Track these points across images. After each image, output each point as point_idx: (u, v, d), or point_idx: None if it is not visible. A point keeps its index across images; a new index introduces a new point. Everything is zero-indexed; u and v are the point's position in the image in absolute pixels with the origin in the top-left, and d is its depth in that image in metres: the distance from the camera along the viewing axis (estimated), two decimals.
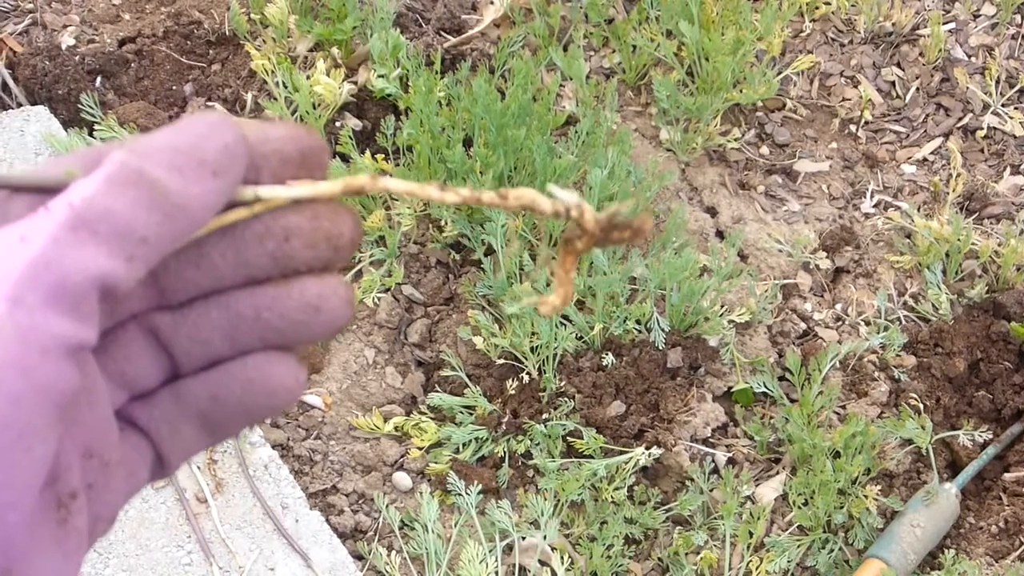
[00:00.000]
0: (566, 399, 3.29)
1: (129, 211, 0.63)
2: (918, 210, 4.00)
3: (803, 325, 3.71)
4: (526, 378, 3.36)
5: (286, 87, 3.87)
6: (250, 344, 0.73)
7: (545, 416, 3.28)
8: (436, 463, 3.26)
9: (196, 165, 0.66)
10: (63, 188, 0.66)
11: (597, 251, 3.45)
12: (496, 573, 3.04)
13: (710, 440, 3.39)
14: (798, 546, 3.18)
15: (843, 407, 3.48)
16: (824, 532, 3.22)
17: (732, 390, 3.48)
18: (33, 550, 0.63)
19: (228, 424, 0.74)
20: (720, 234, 3.89)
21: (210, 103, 4.11)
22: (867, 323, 3.71)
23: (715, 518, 3.22)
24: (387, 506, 3.18)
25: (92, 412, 0.68)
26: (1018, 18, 4.48)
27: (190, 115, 0.70)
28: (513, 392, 3.34)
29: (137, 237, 0.64)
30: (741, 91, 4.06)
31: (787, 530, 3.25)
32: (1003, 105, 4.28)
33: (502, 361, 3.38)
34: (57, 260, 0.61)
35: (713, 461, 3.34)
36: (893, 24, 4.46)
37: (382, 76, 3.87)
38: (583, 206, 0.74)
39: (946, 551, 3.19)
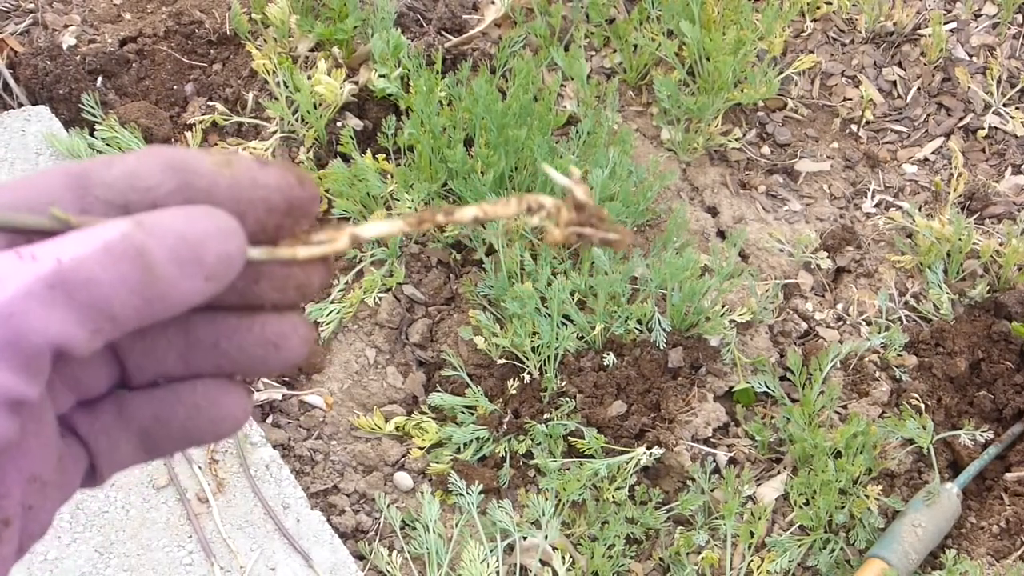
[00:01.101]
0: (567, 399, 3.29)
1: (113, 288, 0.62)
2: (919, 210, 4.00)
3: (804, 325, 3.71)
4: (527, 378, 3.35)
5: (287, 87, 3.87)
6: (203, 369, 0.72)
7: (546, 416, 3.28)
8: (437, 463, 3.26)
9: (194, 263, 0.65)
10: (49, 231, 0.65)
11: (597, 251, 3.45)
12: (497, 573, 3.04)
13: (711, 440, 3.39)
14: (799, 546, 3.18)
15: (844, 407, 3.48)
16: (825, 532, 3.22)
17: (733, 390, 3.48)
18: None
19: (167, 445, 0.74)
20: (721, 234, 3.89)
21: (211, 103, 4.11)
22: (868, 323, 3.71)
23: (716, 518, 3.21)
24: (388, 506, 3.18)
25: (39, 442, 0.67)
26: (1019, 18, 4.48)
27: (206, 208, 0.68)
28: (514, 392, 3.34)
29: (110, 314, 0.63)
30: (742, 91, 4.06)
31: (788, 530, 3.24)
32: (1004, 105, 4.28)
33: (503, 361, 3.38)
34: (21, 315, 0.60)
35: (714, 461, 3.34)
36: (894, 24, 4.46)
37: (383, 76, 3.87)
38: (575, 192, 0.74)
39: (947, 551, 3.19)
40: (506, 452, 3.27)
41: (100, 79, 4.14)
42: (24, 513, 0.68)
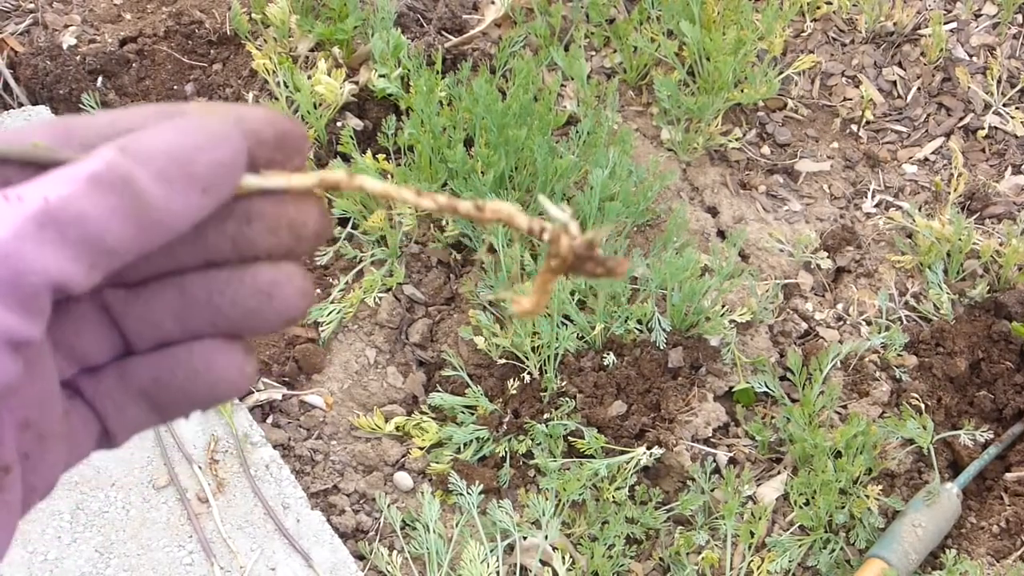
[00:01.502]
0: (567, 399, 3.29)
1: (104, 220, 0.62)
2: (919, 210, 4.00)
3: (804, 325, 3.71)
4: (527, 378, 3.36)
5: (287, 87, 3.87)
6: (201, 329, 0.71)
7: (546, 416, 3.28)
8: (437, 463, 3.26)
9: (186, 178, 0.64)
10: (35, 164, 0.65)
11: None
12: (497, 573, 3.04)
13: (711, 440, 3.39)
14: (799, 546, 3.18)
15: (844, 407, 3.48)
16: (825, 532, 3.22)
17: (733, 390, 3.48)
18: None
19: (173, 407, 0.73)
20: (721, 234, 3.89)
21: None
22: (868, 323, 3.71)
23: (716, 518, 3.22)
24: (388, 506, 3.18)
25: (33, 387, 0.67)
26: (1019, 18, 4.48)
27: (195, 112, 0.68)
28: (514, 392, 3.34)
29: (105, 248, 0.62)
30: (742, 91, 4.06)
31: (788, 530, 3.24)
32: (1004, 105, 4.28)
33: (503, 361, 3.39)
34: (16, 255, 0.60)
35: (714, 461, 3.34)
36: (894, 24, 4.46)
37: (383, 76, 3.87)
38: (568, 227, 0.72)
39: (947, 551, 3.19)
40: (506, 452, 3.27)
41: (100, 79, 4.14)
42: (22, 461, 0.67)
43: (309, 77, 3.86)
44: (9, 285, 0.60)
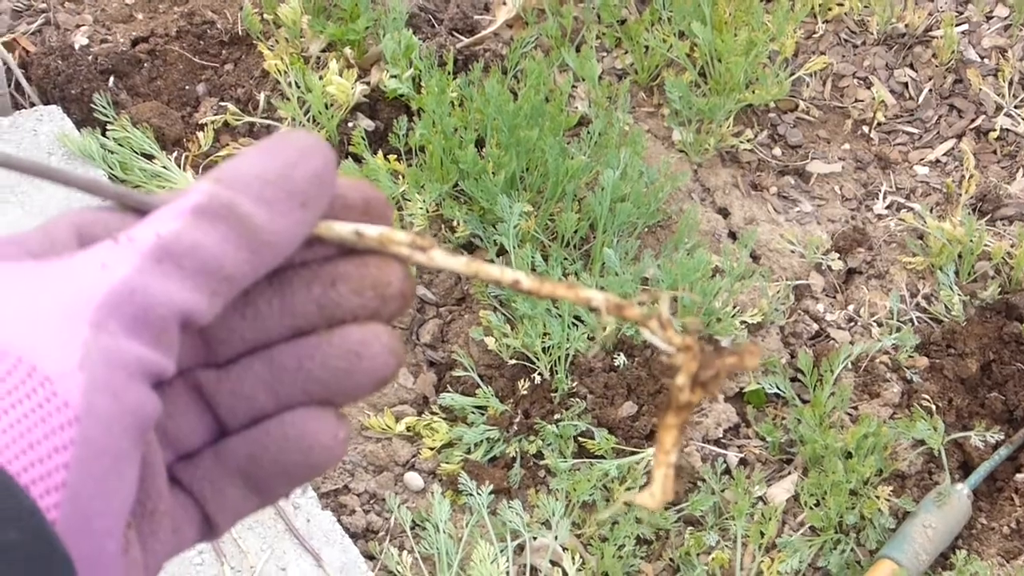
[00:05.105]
0: (578, 399, 3.29)
1: (217, 248, 0.63)
2: (931, 211, 4.00)
3: (815, 326, 3.70)
4: (538, 378, 3.36)
5: (299, 87, 3.87)
6: (293, 398, 0.70)
7: (557, 416, 3.28)
8: (448, 463, 3.26)
9: (285, 197, 0.65)
10: (144, 210, 0.66)
11: (609, 252, 3.45)
12: (507, 573, 3.05)
13: (722, 441, 3.39)
14: (810, 546, 3.18)
15: (855, 408, 3.48)
16: (836, 533, 3.21)
17: (744, 391, 3.49)
18: None
19: (270, 484, 0.71)
20: (732, 235, 3.89)
21: (223, 103, 4.12)
22: (879, 324, 3.71)
23: (727, 518, 3.21)
24: (399, 506, 3.18)
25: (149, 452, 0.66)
26: None
27: (280, 136, 0.69)
28: (525, 392, 3.34)
29: (223, 275, 0.63)
30: (754, 92, 4.06)
31: (799, 531, 3.24)
32: (1016, 106, 4.28)
33: (514, 361, 3.39)
34: (142, 289, 0.60)
35: (725, 462, 3.34)
36: (906, 26, 4.46)
37: (395, 76, 3.87)
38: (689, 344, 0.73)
39: (958, 552, 3.19)
40: (516, 452, 3.27)
41: (112, 79, 4.14)
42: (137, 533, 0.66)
43: (321, 78, 3.87)
44: (139, 320, 0.61)
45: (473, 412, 3.34)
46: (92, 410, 0.58)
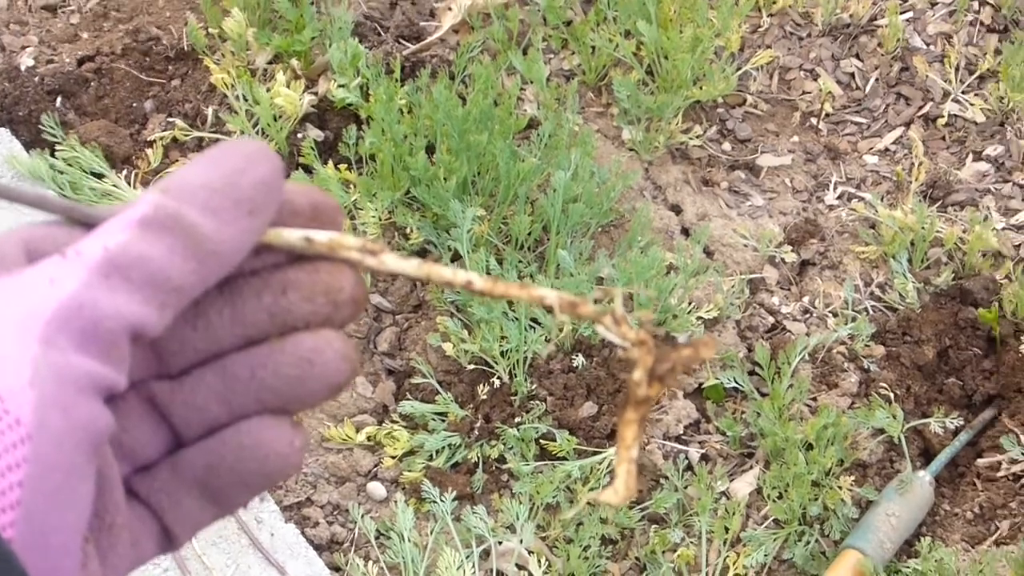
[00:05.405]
0: (538, 402, 3.29)
1: (164, 259, 0.63)
2: (882, 200, 4.01)
3: (771, 319, 3.72)
4: (497, 382, 3.36)
5: (247, 100, 3.86)
6: (247, 408, 0.70)
7: (517, 420, 3.28)
8: (410, 471, 3.25)
9: (232, 205, 0.65)
10: (92, 224, 0.66)
11: (563, 253, 3.46)
12: None
13: (683, 437, 3.40)
14: (774, 539, 3.19)
15: (814, 399, 3.49)
16: (800, 524, 3.23)
17: (703, 386, 3.49)
18: None
19: (228, 493, 0.71)
20: (685, 231, 3.90)
21: (171, 119, 4.10)
22: (835, 314, 3.73)
23: (690, 515, 3.22)
24: (362, 516, 3.18)
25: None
26: (976, 4, 4.50)
27: (226, 145, 0.69)
28: (485, 397, 3.34)
29: (172, 286, 0.63)
30: (701, 88, 4.07)
31: (763, 524, 3.25)
32: (963, 92, 4.30)
33: (472, 366, 3.39)
34: (90, 304, 0.60)
35: (686, 458, 3.35)
36: (850, 16, 4.48)
37: (342, 86, 3.86)
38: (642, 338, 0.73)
39: (922, 539, 3.20)
40: (478, 457, 3.27)
41: (59, 99, 4.12)
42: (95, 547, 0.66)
43: (268, 90, 3.86)
44: (88, 335, 0.60)
45: (433, 419, 3.33)
46: (43, 427, 0.58)
